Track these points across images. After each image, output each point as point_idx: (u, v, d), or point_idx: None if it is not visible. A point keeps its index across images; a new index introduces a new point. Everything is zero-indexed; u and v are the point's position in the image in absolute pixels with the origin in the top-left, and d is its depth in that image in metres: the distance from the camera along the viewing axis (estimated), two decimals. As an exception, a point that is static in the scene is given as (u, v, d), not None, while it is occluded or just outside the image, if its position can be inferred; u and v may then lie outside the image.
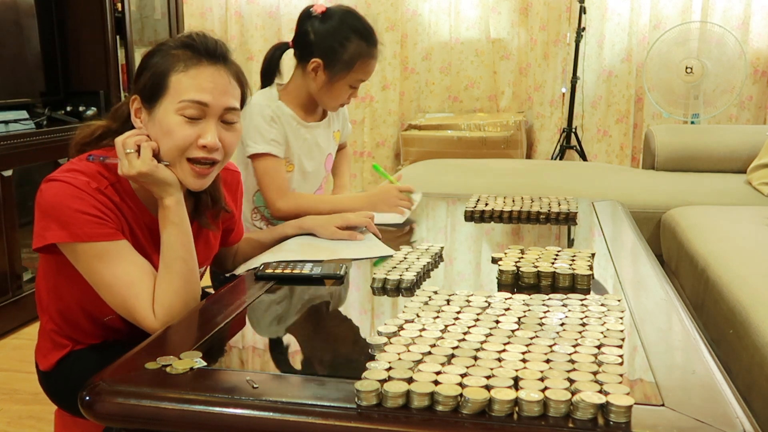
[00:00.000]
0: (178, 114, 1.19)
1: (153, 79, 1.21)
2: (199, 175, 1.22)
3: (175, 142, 1.19)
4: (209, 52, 1.22)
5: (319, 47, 1.75)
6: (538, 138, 4.58)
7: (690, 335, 1.05)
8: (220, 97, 1.21)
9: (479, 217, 1.87)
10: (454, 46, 4.59)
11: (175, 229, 1.20)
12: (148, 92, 1.21)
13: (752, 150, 3.14)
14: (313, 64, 1.76)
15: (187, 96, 1.19)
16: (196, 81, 1.20)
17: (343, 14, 1.77)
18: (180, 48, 1.22)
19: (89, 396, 0.85)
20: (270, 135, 1.76)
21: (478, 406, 0.79)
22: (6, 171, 2.62)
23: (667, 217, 2.56)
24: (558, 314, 1.07)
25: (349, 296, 1.25)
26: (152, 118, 1.21)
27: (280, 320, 1.16)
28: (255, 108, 1.77)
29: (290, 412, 0.81)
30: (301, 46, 1.80)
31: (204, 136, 1.20)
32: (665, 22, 4.23)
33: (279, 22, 4.74)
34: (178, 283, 1.18)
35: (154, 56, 1.24)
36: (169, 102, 1.19)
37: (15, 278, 2.68)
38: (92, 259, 1.16)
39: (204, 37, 1.23)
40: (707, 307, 1.85)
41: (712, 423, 0.77)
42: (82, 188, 1.16)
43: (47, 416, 2.05)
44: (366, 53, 1.76)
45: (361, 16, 1.78)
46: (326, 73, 1.76)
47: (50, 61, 3.13)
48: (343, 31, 1.74)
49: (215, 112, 1.21)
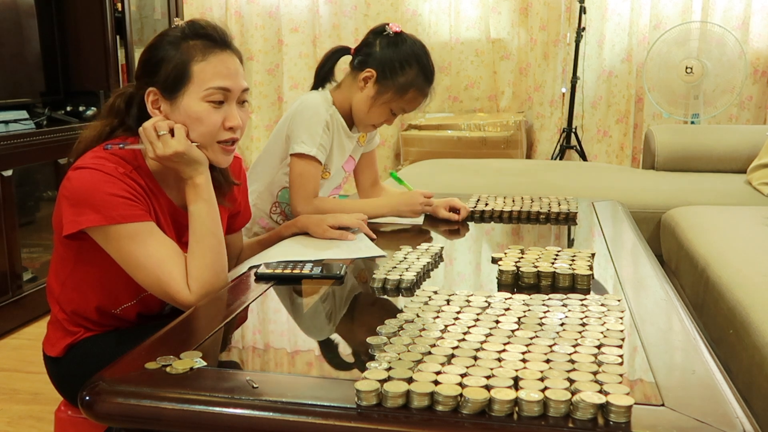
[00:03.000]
0: (204, 101, 1.26)
1: (175, 71, 1.25)
2: (227, 152, 1.32)
3: (207, 128, 1.27)
4: (221, 39, 1.29)
5: (380, 61, 1.75)
6: (538, 138, 4.58)
7: (690, 335, 1.05)
8: (238, 81, 1.29)
9: (479, 217, 1.87)
10: (454, 46, 4.60)
11: (205, 205, 1.27)
12: (170, 84, 1.26)
13: (752, 150, 3.14)
14: (367, 73, 1.76)
15: (212, 83, 1.25)
16: (218, 68, 1.26)
17: (414, 43, 1.78)
18: (193, 38, 1.27)
19: (89, 396, 0.85)
20: (321, 140, 1.76)
21: (478, 406, 0.79)
22: (6, 171, 2.62)
23: (667, 217, 2.56)
24: (558, 314, 1.07)
25: (349, 296, 1.25)
26: (176, 107, 1.26)
27: (280, 320, 1.16)
28: (311, 109, 1.77)
29: (290, 412, 0.81)
30: (362, 55, 1.79)
31: (230, 119, 1.28)
32: (665, 22, 4.23)
33: (279, 22, 4.75)
34: (210, 256, 1.25)
35: (164, 48, 1.27)
36: (193, 91, 1.25)
37: (15, 278, 2.68)
38: (125, 240, 1.20)
39: (211, 25, 1.30)
40: (707, 307, 1.85)
41: (712, 423, 0.77)
42: (111, 173, 1.22)
43: (47, 416, 2.05)
44: (420, 86, 1.77)
45: (429, 54, 1.80)
46: (376, 86, 1.76)
47: (50, 61, 3.13)
48: (409, 57, 1.75)
49: (235, 95, 1.29)
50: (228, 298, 1.20)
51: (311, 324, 1.16)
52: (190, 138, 1.26)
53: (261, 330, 1.12)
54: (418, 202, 1.79)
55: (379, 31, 1.79)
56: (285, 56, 4.78)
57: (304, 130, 1.75)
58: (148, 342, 1.00)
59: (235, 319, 1.11)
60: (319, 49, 4.72)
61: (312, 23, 4.73)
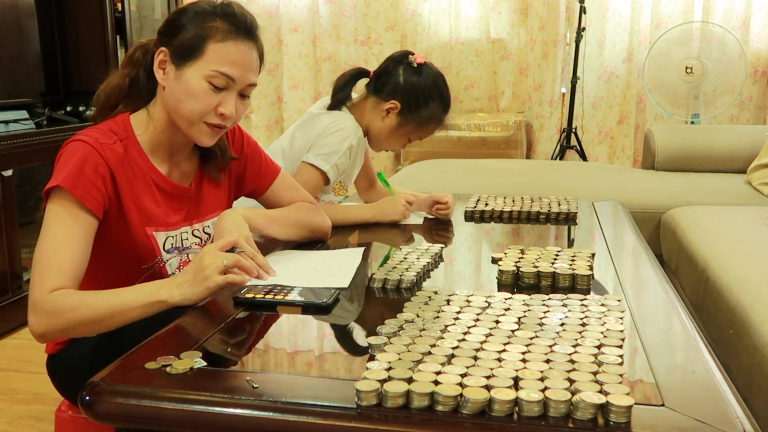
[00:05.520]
0: (206, 80, 1.26)
1: (191, 41, 1.26)
2: (212, 135, 1.31)
3: (198, 107, 1.27)
4: (246, 28, 1.29)
5: (404, 94, 1.81)
6: (537, 138, 4.58)
7: (690, 335, 1.05)
8: (246, 73, 1.29)
9: (479, 217, 1.87)
10: (454, 46, 4.60)
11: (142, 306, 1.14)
12: (183, 51, 1.27)
13: (752, 150, 3.14)
14: (391, 105, 1.81)
15: (219, 67, 1.26)
16: (230, 55, 1.26)
17: (436, 76, 1.84)
18: (220, 17, 1.27)
19: (89, 396, 0.85)
20: (338, 161, 1.78)
21: (478, 406, 0.79)
22: (6, 171, 2.62)
23: (667, 217, 2.56)
24: (558, 314, 1.07)
25: (348, 296, 1.25)
26: (179, 76, 1.27)
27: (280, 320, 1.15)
28: (342, 132, 1.78)
29: (290, 412, 0.81)
30: (384, 82, 1.83)
31: (224, 106, 1.28)
32: (666, 21, 4.23)
33: (279, 22, 4.75)
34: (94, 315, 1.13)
35: (190, 16, 1.28)
36: (200, 67, 1.26)
37: (15, 278, 2.68)
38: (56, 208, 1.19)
39: (242, 11, 1.30)
40: (707, 307, 1.85)
41: (712, 423, 0.77)
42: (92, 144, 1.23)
43: (47, 416, 2.05)
44: (438, 119, 1.86)
45: (447, 85, 1.87)
46: (398, 118, 1.82)
47: (50, 61, 3.13)
48: (431, 91, 1.82)
49: (239, 86, 1.29)
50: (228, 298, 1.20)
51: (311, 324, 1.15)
52: (179, 110, 1.27)
53: (261, 330, 1.12)
54: (400, 204, 1.82)
55: (401, 60, 1.84)
56: (285, 56, 4.78)
57: (324, 145, 1.77)
58: (148, 342, 1.00)
59: (235, 319, 1.11)
60: (319, 49, 4.72)
61: (312, 23, 4.73)
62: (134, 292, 1.15)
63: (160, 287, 1.15)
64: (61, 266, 1.15)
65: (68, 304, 1.13)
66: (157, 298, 1.13)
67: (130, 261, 1.31)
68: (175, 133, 1.33)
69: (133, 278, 1.30)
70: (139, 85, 1.34)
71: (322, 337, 1.10)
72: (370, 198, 2.07)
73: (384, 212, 1.82)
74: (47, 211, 1.20)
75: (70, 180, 1.19)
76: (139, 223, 1.29)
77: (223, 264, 1.15)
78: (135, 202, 1.28)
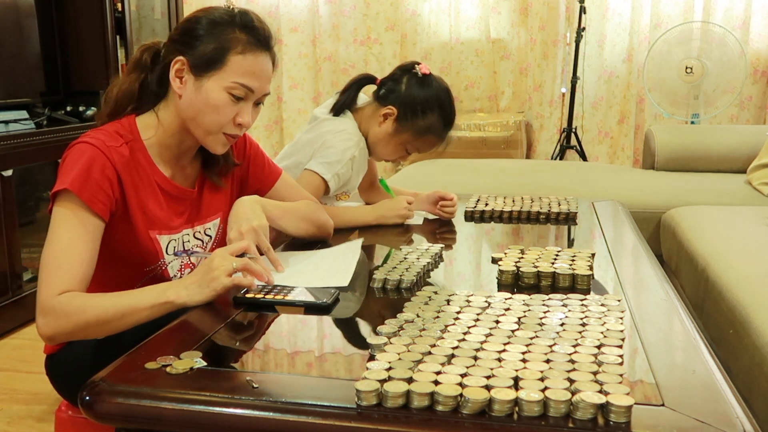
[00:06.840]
0: (226, 92, 1.27)
1: (213, 53, 1.26)
2: (227, 144, 1.34)
3: (219, 118, 1.28)
4: (265, 40, 1.31)
5: (403, 101, 1.77)
6: (537, 138, 4.57)
7: (690, 335, 1.05)
8: (264, 84, 1.32)
9: (479, 217, 1.87)
10: (454, 46, 4.60)
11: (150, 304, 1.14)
12: (204, 62, 1.27)
13: (752, 150, 3.14)
14: (388, 110, 1.78)
15: (240, 79, 1.27)
16: (250, 67, 1.28)
17: (440, 88, 1.80)
18: (240, 29, 1.28)
19: (89, 396, 0.85)
20: (339, 170, 1.76)
21: (478, 406, 0.79)
22: (6, 171, 2.61)
23: (667, 217, 2.56)
24: (558, 314, 1.07)
25: (348, 296, 1.25)
26: (199, 87, 1.27)
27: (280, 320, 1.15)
28: (345, 143, 1.77)
29: (290, 412, 0.81)
30: (387, 89, 1.81)
31: (242, 116, 1.30)
32: (666, 21, 4.23)
33: (279, 22, 4.75)
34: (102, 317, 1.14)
35: (209, 26, 1.28)
36: (221, 78, 1.26)
37: (15, 278, 2.68)
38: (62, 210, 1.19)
39: (261, 23, 1.32)
40: (707, 307, 1.85)
41: (712, 423, 0.77)
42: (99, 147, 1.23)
43: (47, 416, 2.05)
44: (438, 133, 1.82)
45: (452, 100, 1.83)
46: (394, 125, 1.78)
47: (50, 61, 3.13)
48: (432, 103, 1.78)
49: (256, 96, 1.31)
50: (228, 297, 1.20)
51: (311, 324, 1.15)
52: (199, 120, 1.28)
53: (261, 330, 1.12)
54: (401, 207, 1.81)
55: (408, 69, 1.81)
56: (285, 56, 4.78)
57: (326, 154, 1.76)
58: (148, 342, 1.00)
59: (235, 319, 1.11)
60: (319, 49, 4.72)
61: (312, 23, 4.73)
62: (142, 294, 1.16)
63: (168, 288, 1.15)
64: (68, 269, 1.16)
65: (76, 307, 1.13)
66: (165, 299, 1.13)
67: (133, 263, 1.32)
68: (185, 138, 1.33)
69: (135, 281, 1.30)
70: (148, 89, 1.33)
71: (322, 337, 1.10)
72: (371, 198, 2.06)
73: (386, 215, 1.81)
74: (54, 213, 1.20)
75: (78, 183, 1.19)
76: (144, 226, 1.29)
77: (232, 266, 1.15)
78: (140, 205, 1.28)
